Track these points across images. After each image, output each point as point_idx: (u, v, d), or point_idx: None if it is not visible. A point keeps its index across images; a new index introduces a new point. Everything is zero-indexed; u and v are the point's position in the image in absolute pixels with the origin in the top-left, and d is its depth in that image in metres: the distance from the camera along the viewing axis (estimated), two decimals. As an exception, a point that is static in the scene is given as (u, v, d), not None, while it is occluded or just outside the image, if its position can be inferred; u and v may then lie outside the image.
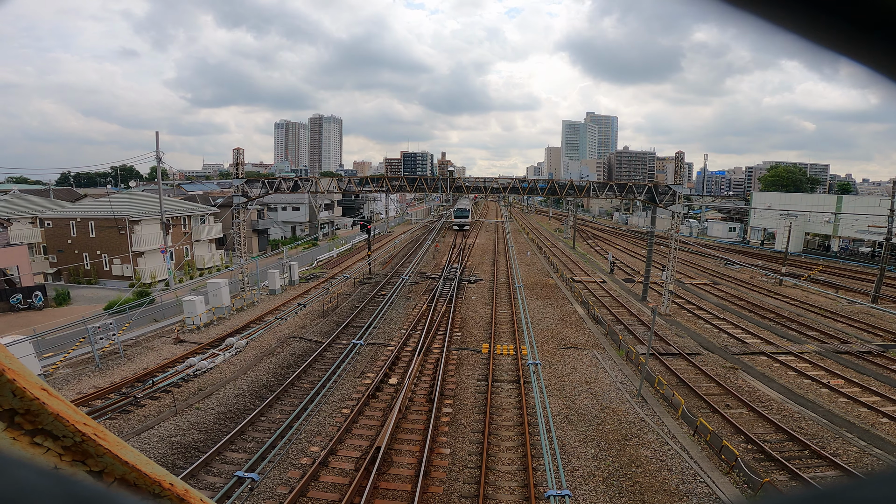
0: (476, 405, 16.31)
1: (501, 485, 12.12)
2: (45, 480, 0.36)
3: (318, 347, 21.32)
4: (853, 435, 15.20)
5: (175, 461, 12.81)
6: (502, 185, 32.74)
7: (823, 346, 23.49)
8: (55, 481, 0.36)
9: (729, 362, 21.20)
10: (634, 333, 24.83)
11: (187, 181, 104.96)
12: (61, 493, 0.35)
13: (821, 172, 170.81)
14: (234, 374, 18.58)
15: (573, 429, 14.83)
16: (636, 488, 11.94)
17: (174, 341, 22.50)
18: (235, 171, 31.50)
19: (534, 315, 27.10)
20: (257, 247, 51.95)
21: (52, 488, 0.35)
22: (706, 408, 16.82)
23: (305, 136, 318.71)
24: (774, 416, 16.09)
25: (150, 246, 37.83)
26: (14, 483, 0.35)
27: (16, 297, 30.51)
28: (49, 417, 0.84)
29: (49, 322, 24.96)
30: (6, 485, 0.35)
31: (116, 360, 20.18)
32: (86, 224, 38.10)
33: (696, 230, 78.19)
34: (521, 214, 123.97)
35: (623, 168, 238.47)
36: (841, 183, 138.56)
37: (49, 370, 18.96)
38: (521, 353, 20.90)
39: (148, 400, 16.38)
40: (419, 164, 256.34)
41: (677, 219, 30.32)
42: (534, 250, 54.73)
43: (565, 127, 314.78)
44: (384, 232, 71.35)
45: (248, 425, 14.70)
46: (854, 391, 18.47)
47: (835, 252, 55.74)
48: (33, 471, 0.37)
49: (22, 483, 0.35)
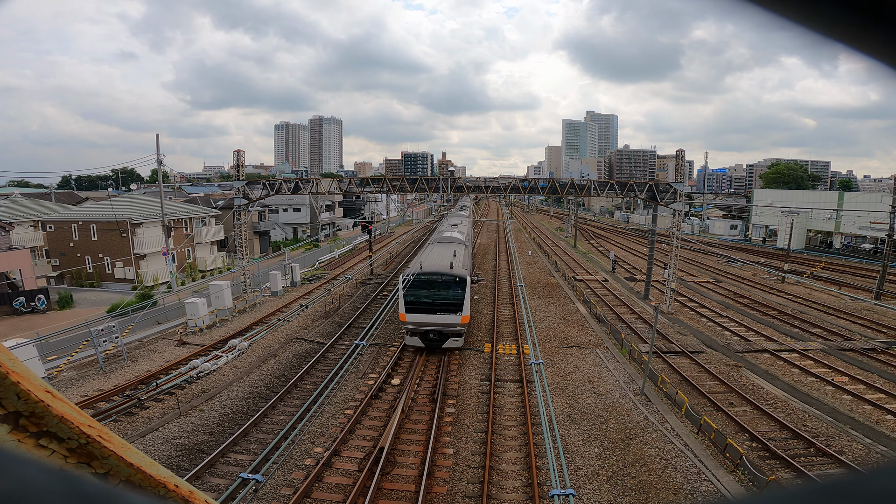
0: (479, 405, 16.29)
1: (505, 484, 12.10)
2: (50, 478, 0.36)
3: (321, 349, 21.33)
4: (858, 432, 15.15)
5: (180, 463, 12.82)
6: (503, 185, 32.72)
7: (827, 344, 23.43)
8: (60, 479, 0.36)
9: (732, 360, 21.16)
10: (637, 332, 24.79)
11: (188, 183, 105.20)
12: (66, 491, 0.35)
13: (822, 169, 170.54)
14: (237, 376, 18.59)
15: (576, 428, 14.81)
16: (640, 487, 11.91)
17: (177, 343, 22.52)
18: (236, 172, 31.53)
19: (536, 314, 27.07)
20: (259, 248, 51.99)
21: (58, 486, 0.35)
22: (710, 406, 16.78)
23: (306, 138, 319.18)
24: (779, 414, 16.05)
25: (151, 248, 37.88)
26: (19, 481, 0.35)
27: (19, 301, 30.59)
28: (54, 420, 0.84)
29: (52, 325, 25.00)
30: (11, 483, 0.34)
31: (120, 362, 20.21)
32: (87, 227, 38.16)
33: (697, 228, 78.09)
34: (522, 214, 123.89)
35: (624, 166, 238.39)
36: (842, 179, 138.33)
37: (53, 373, 18.98)
38: (524, 352, 20.87)
39: (152, 402, 16.40)
40: (420, 165, 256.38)
41: (679, 217, 30.27)
42: (535, 249, 54.69)
43: (565, 126, 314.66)
44: (385, 233, 71.35)
45: (252, 427, 14.70)
46: (858, 388, 18.41)
47: (837, 249, 55.62)
48: (38, 468, 0.37)
49: (27, 481, 0.35)
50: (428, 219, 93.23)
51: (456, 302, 19.66)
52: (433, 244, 27.40)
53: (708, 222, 79.31)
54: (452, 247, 25.58)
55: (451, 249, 24.68)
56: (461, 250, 25.11)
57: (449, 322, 19.64)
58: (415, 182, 33.71)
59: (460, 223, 37.60)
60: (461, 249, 25.34)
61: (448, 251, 24.21)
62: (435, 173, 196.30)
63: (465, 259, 23.84)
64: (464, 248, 26.21)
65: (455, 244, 26.66)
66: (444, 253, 23.71)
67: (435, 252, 24.47)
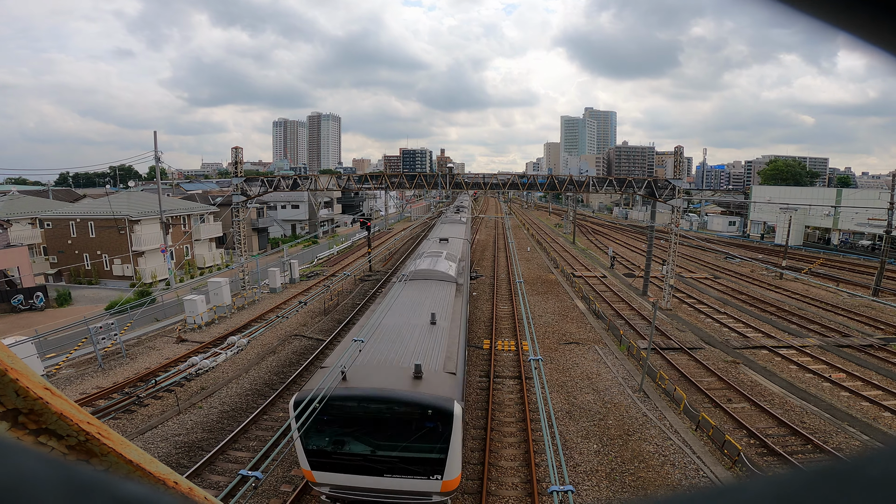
0: (478, 401, 16.33)
1: (504, 480, 12.15)
2: (45, 466, 0.36)
3: (320, 345, 21.34)
4: (855, 429, 15.22)
5: (179, 460, 12.85)
6: (502, 181, 32.71)
7: (825, 340, 23.50)
8: (55, 467, 0.36)
9: (730, 356, 21.22)
10: (635, 328, 24.84)
11: (186, 180, 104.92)
12: (61, 479, 0.35)
13: (820, 166, 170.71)
14: (236, 373, 18.60)
15: (575, 424, 14.86)
16: (639, 483, 11.97)
17: (176, 341, 22.51)
18: (234, 169, 31.46)
19: (535, 310, 27.11)
20: (257, 245, 51.95)
21: (53, 474, 0.35)
22: (708, 402, 16.84)
23: (304, 135, 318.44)
24: (777, 411, 16.11)
25: (150, 246, 37.82)
26: (14, 469, 0.35)
27: (17, 299, 30.54)
28: (53, 417, 0.83)
29: (51, 323, 24.96)
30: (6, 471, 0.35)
31: (119, 359, 20.20)
32: (85, 224, 38.08)
33: (696, 224, 78.22)
34: (520, 210, 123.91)
35: (622, 163, 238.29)
36: (840, 176, 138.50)
37: (52, 370, 18.98)
38: (522, 348, 20.91)
39: (151, 399, 16.40)
40: (418, 161, 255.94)
41: (677, 213, 30.29)
42: (534, 246, 54.72)
43: (564, 122, 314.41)
44: (384, 229, 71.31)
45: (252, 423, 14.72)
46: (856, 385, 18.48)
47: (835, 245, 55.73)
48: (36, 458, 0.37)
49: (23, 469, 0.35)
50: (427, 215, 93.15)
51: (431, 457, 9.22)
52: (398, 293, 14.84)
53: (706, 219, 79.40)
54: (434, 298, 14.54)
55: (426, 308, 13.29)
56: (449, 306, 14.05)
57: (415, 490, 9.37)
58: (413, 178, 33.69)
59: (453, 238, 25.86)
60: (449, 303, 14.33)
61: (419, 318, 12.62)
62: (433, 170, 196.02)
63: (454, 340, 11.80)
64: (453, 301, 14.73)
65: (440, 285, 16.05)
66: (412, 334, 11.75)
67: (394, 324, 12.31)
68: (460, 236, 28.34)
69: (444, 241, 24.46)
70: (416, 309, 13.44)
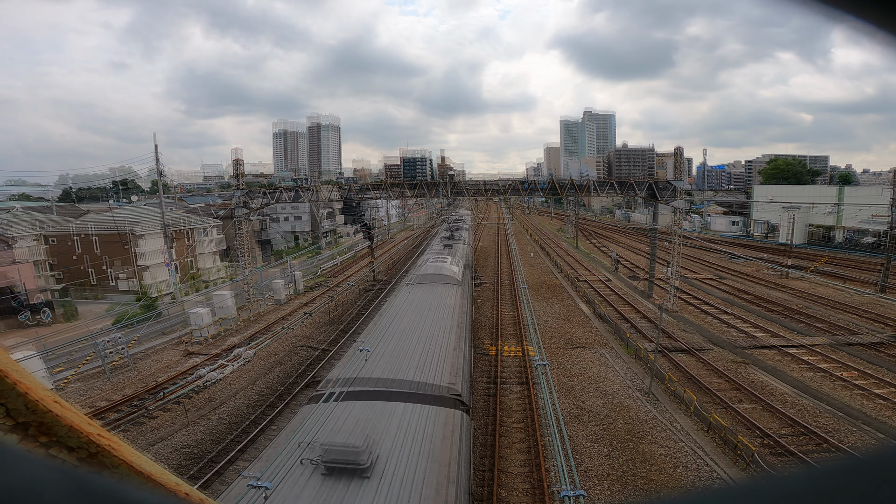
0: (485, 408, 16.23)
1: (514, 486, 12.03)
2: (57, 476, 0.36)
3: (326, 356, 21.30)
4: (871, 427, 15.03)
5: (189, 471, 12.80)
6: (503, 186, 32.72)
7: (833, 339, 23.30)
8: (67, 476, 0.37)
9: (738, 357, 21.05)
10: (641, 330, 24.70)
11: (188, 193, 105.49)
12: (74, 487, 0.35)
13: (820, 164, 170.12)
14: (243, 384, 18.57)
15: (584, 428, 14.74)
16: (651, 486, 11.83)
17: (183, 353, 22.53)
18: (236, 182, 31.61)
19: (539, 315, 27.01)
20: (261, 257, 52.05)
21: (65, 483, 0.36)
22: (718, 403, 16.68)
23: (304, 144, 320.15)
24: (789, 411, 15.94)
25: (154, 259, 37.96)
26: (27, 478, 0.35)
27: (24, 314, 30.65)
28: (63, 429, 0.82)
29: (59, 337, 25.02)
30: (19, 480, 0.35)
31: (126, 372, 20.21)
32: (90, 240, 38.30)
33: (698, 225, 77.96)
34: (522, 215, 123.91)
35: (623, 165, 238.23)
36: (842, 174, 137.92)
37: (61, 384, 19.00)
38: (528, 353, 20.81)
39: (159, 412, 16.39)
40: (418, 168, 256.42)
41: (679, 214, 30.22)
42: (537, 251, 54.63)
43: (563, 125, 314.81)
44: (386, 238, 71.38)
45: (259, 434, 14.67)
46: (868, 382, 18.28)
47: (839, 243, 55.42)
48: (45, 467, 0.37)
49: (35, 478, 0.35)
50: (429, 223, 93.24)
51: None
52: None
53: (709, 219, 79.14)
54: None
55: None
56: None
57: None
58: (415, 186, 33.74)
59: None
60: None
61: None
62: (434, 176, 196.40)
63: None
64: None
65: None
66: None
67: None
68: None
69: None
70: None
